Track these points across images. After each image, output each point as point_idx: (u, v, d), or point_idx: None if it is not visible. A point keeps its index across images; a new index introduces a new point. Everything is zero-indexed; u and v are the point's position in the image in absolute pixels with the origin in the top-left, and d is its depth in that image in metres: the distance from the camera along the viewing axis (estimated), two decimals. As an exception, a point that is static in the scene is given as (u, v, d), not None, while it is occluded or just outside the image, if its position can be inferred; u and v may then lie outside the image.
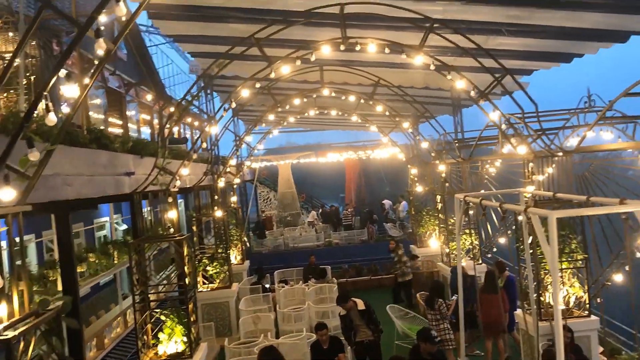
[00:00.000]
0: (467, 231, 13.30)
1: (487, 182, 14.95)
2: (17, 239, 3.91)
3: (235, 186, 18.17)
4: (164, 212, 8.83)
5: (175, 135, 20.49)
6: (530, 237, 7.94)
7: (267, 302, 13.72)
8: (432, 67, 8.53)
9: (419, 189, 16.20)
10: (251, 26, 11.11)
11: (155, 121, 21.67)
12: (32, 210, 4.33)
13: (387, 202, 27.80)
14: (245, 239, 19.01)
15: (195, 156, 9.17)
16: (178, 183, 8.33)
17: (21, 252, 3.93)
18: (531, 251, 8.02)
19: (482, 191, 15.53)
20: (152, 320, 8.39)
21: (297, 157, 28.30)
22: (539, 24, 10.23)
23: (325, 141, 39.78)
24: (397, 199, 26.49)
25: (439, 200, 13.72)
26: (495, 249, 14.45)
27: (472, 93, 8.65)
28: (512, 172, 15.56)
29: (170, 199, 8.10)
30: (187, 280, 8.17)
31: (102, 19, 12.11)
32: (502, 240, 13.80)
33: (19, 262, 4.04)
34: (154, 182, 8.21)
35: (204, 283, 12.72)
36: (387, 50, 8.52)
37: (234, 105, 9.25)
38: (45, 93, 3.64)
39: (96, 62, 13.70)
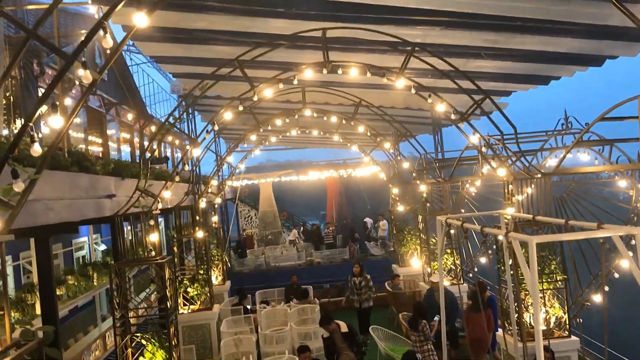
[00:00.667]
0: (449, 251, 13.40)
1: (468, 202, 15.09)
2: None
3: (216, 206, 18.09)
4: (145, 232, 8.78)
5: (156, 155, 20.37)
6: (511, 259, 8.05)
7: (249, 324, 13.61)
8: (413, 91, 8.64)
9: (401, 208, 16.28)
10: (234, 48, 11.19)
11: (136, 140, 21.54)
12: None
13: (369, 220, 27.90)
14: (227, 258, 18.88)
15: (177, 179, 9.14)
16: (160, 205, 8.29)
17: (4, 282, 3.88)
18: (512, 272, 8.12)
19: (463, 211, 15.71)
20: (133, 344, 8.29)
21: (279, 176, 28.29)
22: (517, 48, 10.48)
23: (306, 159, 39.84)
24: (378, 218, 26.60)
25: (420, 220, 13.80)
26: (476, 269, 14.55)
27: (452, 115, 8.77)
28: (492, 192, 15.76)
29: (152, 222, 8.04)
30: (168, 304, 8.10)
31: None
32: (482, 260, 13.90)
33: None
34: (136, 205, 8.16)
35: (184, 304, 12.60)
36: (368, 74, 8.62)
37: (217, 127, 9.24)
38: (30, 124, 3.63)
39: (77, 82, 13.62)
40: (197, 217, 13.17)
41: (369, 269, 21.90)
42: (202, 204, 13.71)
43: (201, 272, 12.66)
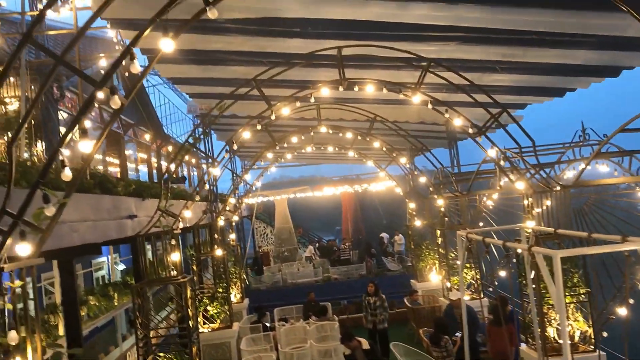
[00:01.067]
0: (468, 265, 13.33)
1: (486, 215, 15.01)
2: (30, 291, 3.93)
3: (233, 223, 18.17)
4: (164, 250, 8.88)
5: (174, 175, 20.55)
6: (533, 273, 8.00)
7: (268, 342, 13.59)
8: (430, 106, 8.67)
9: (418, 223, 16.24)
10: (250, 68, 11.33)
11: (153, 159, 21.77)
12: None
13: (385, 235, 27.78)
14: (244, 276, 18.91)
15: (197, 198, 9.22)
16: (181, 225, 8.36)
17: (35, 305, 3.95)
18: (534, 286, 8.07)
19: (481, 224, 15.63)
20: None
21: (294, 192, 28.34)
22: (533, 61, 10.48)
23: (320, 174, 39.85)
24: (394, 232, 26.49)
25: (438, 235, 13.74)
26: (496, 283, 14.41)
27: (470, 129, 8.78)
28: (509, 205, 15.67)
29: (173, 241, 8.11)
30: (190, 323, 8.13)
31: (102, 63, 12.19)
32: (502, 274, 13.78)
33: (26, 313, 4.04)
34: (157, 225, 8.24)
35: (204, 323, 12.63)
36: (384, 90, 8.68)
37: (235, 147, 9.33)
38: (60, 149, 3.71)
39: (95, 105, 13.83)
40: (216, 235, 13.24)
41: (387, 285, 21.85)
42: (221, 222, 13.78)
43: (220, 290, 12.69)
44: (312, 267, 25.13)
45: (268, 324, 15.21)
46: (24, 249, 3.61)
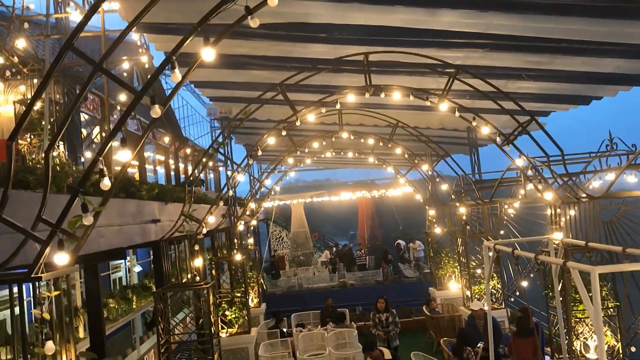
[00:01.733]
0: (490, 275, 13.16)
1: (507, 223, 14.83)
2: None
3: (251, 228, 18.13)
4: (186, 255, 8.87)
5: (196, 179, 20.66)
6: (560, 284, 7.85)
7: (286, 347, 13.52)
8: (457, 114, 8.56)
9: (438, 230, 16.09)
10: (273, 73, 11.31)
11: (171, 162, 21.84)
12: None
13: (402, 242, 27.57)
14: (262, 281, 18.87)
15: (222, 203, 9.18)
16: (204, 230, 8.33)
17: (70, 314, 3.91)
18: (561, 299, 7.91)
19: (502, 232, 15.43)
20: (176, 369, 8.29)
21: (310, 196, 28.30)
22: (560, 69, 10.33)
23: (335, 178, 39.68)
24: (412, 238, 26.30)
25: (459, 243, 13.58)
26: (517, 293, 14.23)
27: (497, 138, 8.66)
28: (532, 213, 15.46)
29: (196, 247, 8.07)
30: (212, 329, 8.08)
31: (125, 65, 12.25)
32: (524, 284, 13.59)
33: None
34: (180, 230, 8.21)
35: (222, 328, 12.57)
36: (411, 97, 8.58)
37: (260, 153, 9.29)
38: (100, 158, 3.68)
39: (118, 107, 13.93)
40: (236, 240, 13.19)
41: (403, 292, 21.70)
42: (240, 226, 13.75)
43: (238, 294, 12.64)
44: (327, 272, 25.03)
45: (285, 330, 15.14)
46: (62, 258, 3.57)
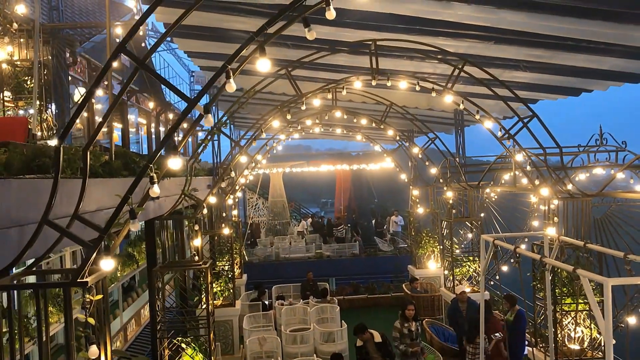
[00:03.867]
0: (471, 258, 13.45)
1: (489, 206, 15.15)
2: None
3: (237, 200, 18.07)
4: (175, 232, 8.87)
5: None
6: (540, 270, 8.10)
7: (268, 320, 13.68)
8: (462, 106, 8.62)
9: (420, 210, 16.31)
10: (273, 49, 11.16)
11: (153, 125, 21.54)
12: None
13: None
14: (244, 252, 18.91)
15: (224, 184, 9.12)
16: (205, 211, 8.28)
17: (107, 315, 3.89)
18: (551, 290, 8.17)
19: (482, 215, 15.76)
20: (171, 346, 8.33)
21: (290, 166, 28.24)
22: (560, 63, 10.45)
23: (315, 147, 39.54)
24: (393, 212, 26.50)
25: (444, 226, 13.80)
26: (497, 277, 14.63)
27: (499, 133, 8.77)
28: (513, 199, 15.81)
29: (196, 227, 8.05)
30: (210, 308, 8.13)
31: (118, 30, 11.89)
32: (504, 269, 13.98)
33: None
34: (180, 209, 8.16)
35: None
36: (417, 88, 8.59)
37: (264, 135, 9.22)
38: (150, 165, 3.61)
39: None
40: (224, 214, 13.14)
41: (379, 266, 22.00)
42: (229, 200, 13.69)
43: (226, 268, 12.66)
44: (304, 243, 25.15)
45: (267, 302, 15.30)
46: (108, 264, 3.54)
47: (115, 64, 4.09)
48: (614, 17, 7.63)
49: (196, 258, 8.16)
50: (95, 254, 3.44)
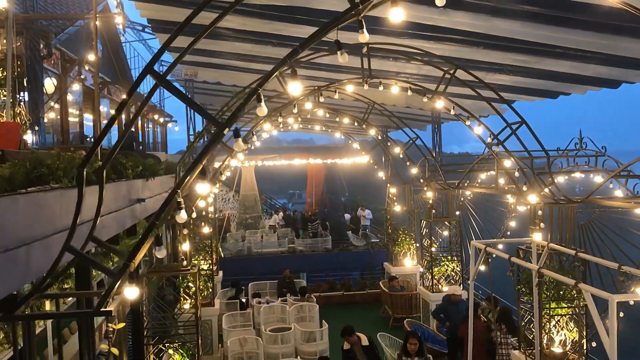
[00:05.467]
0: (449, 257, 13.58)
1: (466, 205, 15.31)
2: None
3: (213, 194, 17.80)
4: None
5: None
6: (537, 281, 8.23)
7: (247, 319, 13.55)
8: (453, 112, 8.65)
9: (397, 208, 16.39)
10: (256, 47, 11.01)
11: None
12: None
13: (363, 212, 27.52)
14: (220, 248, 18.69)
15: (217, 186, 8.92)
16: (194, 215, 8.13)
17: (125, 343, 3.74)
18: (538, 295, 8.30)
19: (457, 213, 15.90)
20: (155, 350, 8.18)
21: (262, 159, 28.01)
22: (544, 68, 10.60)
23: (282, 138, 39.10)
24: (362, 207, 26.60)
25: (423, 226, 13.89)
26: (475, 276, 14.78)
27: (489, 139, 8.84)
28: (488, 199, 15.99)
29: (185, 231, 7.88)
30: (198, 313, 8.01)
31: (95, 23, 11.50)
32: (482, 268, 14.13)
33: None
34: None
35: (184, 299, 12.43)
36: (409, 92, 8.57)
37: (256, 141, 9.07)
38: (178, 190, 3.47)
39: (85, 66, 13.09)
40: (204, 213, 12.91)
41: (352, 261, 22.02)
42: (210, 198, 13.46)
43: (206, 267, 12.49)
44: (276, 237, 25.02)
45: (244, 300, 15.16)
46: (133, 291, 3.40)
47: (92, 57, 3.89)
48: (601, 28, 7.77)
49: (185, 262, 8.00)
50: (120, 282, 3.30)
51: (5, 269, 3.54)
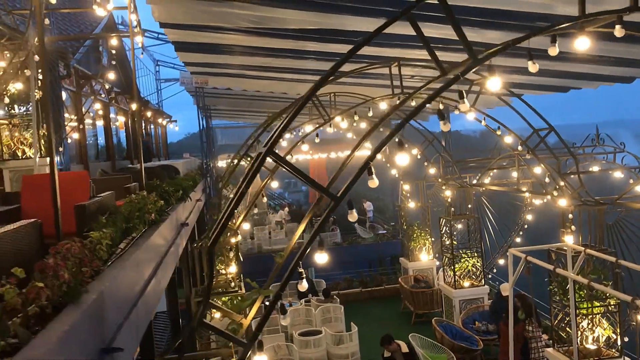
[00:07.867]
0: (469, 252, 13.81)
1: (482, 200, 15.56)
2: None
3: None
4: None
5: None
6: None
7: (273, 324, 13.70)
8: (484, 122, 8.85)
9: (412, 204, 16.62)
10: (286, 61, 11.13)
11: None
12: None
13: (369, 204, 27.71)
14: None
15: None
16: (239, 237, 8.29)
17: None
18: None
19: (470, 207, 16.14)
20: None
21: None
22: (562, 69, 10.78)
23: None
24: (362, 200, 26.86)
25: (442, 223, 14.07)
26: (495, 270, 15.12)
27: (520, 147, 9.05)
28: (504, 194, 16.23)
29: (231, 254, 8.07)
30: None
31: (114, 43, 11.61)
32: (501, 262, 14.47)
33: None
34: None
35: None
36: (441, 106, 8.74)
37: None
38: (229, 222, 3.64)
39: (93, 80, 13.15)
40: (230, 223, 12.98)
41: (362, 255, 22.17)
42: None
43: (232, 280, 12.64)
44: (284, 234, 25.11)
45: (266, 303, 15.30)
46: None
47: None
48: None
49: (232, 284, 8.19)
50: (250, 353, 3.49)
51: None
